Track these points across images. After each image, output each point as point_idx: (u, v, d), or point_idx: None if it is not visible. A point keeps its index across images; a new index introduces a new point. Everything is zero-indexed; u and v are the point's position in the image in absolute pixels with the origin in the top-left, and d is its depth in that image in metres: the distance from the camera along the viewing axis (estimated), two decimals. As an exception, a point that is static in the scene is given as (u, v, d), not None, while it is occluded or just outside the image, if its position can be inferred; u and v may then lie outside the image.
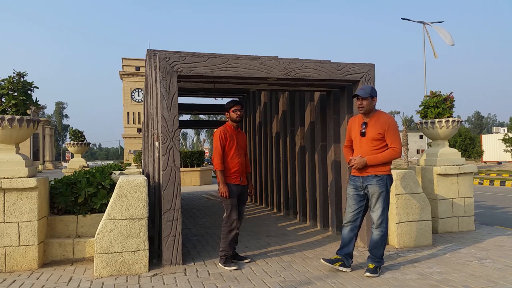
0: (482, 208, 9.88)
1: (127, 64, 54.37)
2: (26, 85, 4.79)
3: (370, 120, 4.14)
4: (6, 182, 4.41)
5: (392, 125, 4.09)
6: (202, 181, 18.02)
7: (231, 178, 4.52)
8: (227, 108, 4.65)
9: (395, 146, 4.05)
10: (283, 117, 8.16)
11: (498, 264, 4.41)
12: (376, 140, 4.07)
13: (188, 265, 4.56)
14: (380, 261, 4.15)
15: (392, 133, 4.07)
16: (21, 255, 4.45)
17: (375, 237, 4.16)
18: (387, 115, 4.18)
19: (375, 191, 4.09)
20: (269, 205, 9.25)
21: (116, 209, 4.28)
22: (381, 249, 4.14)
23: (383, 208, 4.11)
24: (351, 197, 4.26)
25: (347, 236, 4.25)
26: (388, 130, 4.06)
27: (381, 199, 4.10)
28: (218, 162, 4.47)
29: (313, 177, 6.92)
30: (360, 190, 4.20)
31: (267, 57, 5.65)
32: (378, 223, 4.13)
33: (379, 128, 4.07)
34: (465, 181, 6.31)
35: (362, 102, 4.09)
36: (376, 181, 4.08)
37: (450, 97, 6.42)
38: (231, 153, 4.54)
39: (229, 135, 4.57)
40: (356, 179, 4.22)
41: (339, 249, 4.29)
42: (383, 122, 4.09)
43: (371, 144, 4.08)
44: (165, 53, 4.67)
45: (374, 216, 4.17)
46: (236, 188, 4.54)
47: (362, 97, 4.08)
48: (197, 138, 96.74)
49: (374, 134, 4.07)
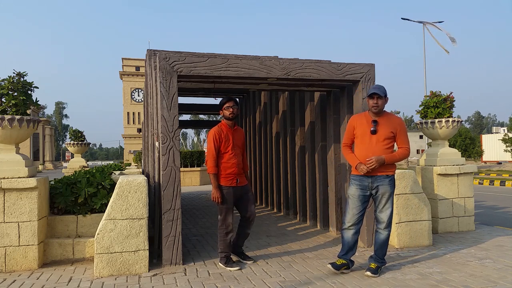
0: (482, 208, 9.88)
1: (127, 64, 54.36)
2: (26, 85, 4.79)
3: (380, 119, 4.11)
4: (6, 182, 4.41)
5: (404, 127, 4.19)
6: (202, 181, 18.02)
7: (227, 180, 4.37)
8: (220, 105, 4.50)
9: (406, 146, 4.15)
10: (283, 117, 8.16)
11: (498, 264, 4.41)
12: (388, 139, 4.08)
13: (188, 265, 4.56)
14: (383, 261, 4.17)
15: (404, 134, 4.16)
16: (21, 255, 4.45)
17: (383, 237, 4.14)
18: (397, 116, 4.26)
19: (387, 191, 4.08)
20: (269, 205, 9.25)
21: (116, 209, 4.28)
22: (385, 249, 4.17)
23: (392, 208, 4.14)
24: (356, 199, 4.13)
25: (352, 240, 4.16)
26: (400, 130, 4.13)
27: (391, 199, 4.12)
28: (211, 165, 4.33)
29: (313, 177, 6.92)
30: (367, 190, 4.11)
31: (267, 57, 5.65)
32: (387, 223, 4.12)
33: (391, 127, 4.09)
34: (465, 181, 6.31)
35: (378, 101, 4.05)
36: (388, 181, 4.09)
37: (450, 97, 6.42)
38: (227, 154, 4.39)
39: (224, 135, 4.41)
40: (363, 179, 4.10)
41: (345, 254, 4.17)
42: (396, 123, 4.15)
43: (383, 143, 4.06)
44: (165, 53, 4.67)
45: (383, 216, 4.12)
46: (233, 190, 4.40)
47: (378, 96, 4.05)
48: (197, 138, 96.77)
49: (387, 132, 4.07)
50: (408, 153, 4.14)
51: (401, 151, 4.13)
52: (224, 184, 4.37)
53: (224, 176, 4.38)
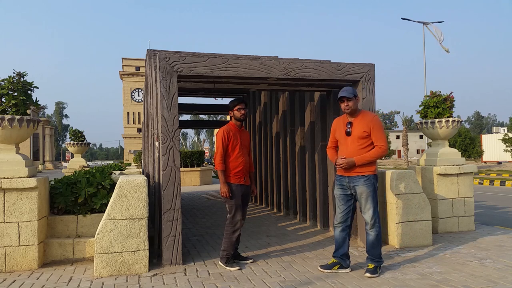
0: (482, 208, 9.88)
1: (127, 64, 54.39)
2: (26, 85, 4.79)
3: (355, 120, 4.14)
4: (6, 182, 4.41)
5: (377, 123, 4.10)
6: (202, 181, 18.02)
7: (235, 178, 4.49)
8: (231, 106, 4.58)
9: (380, 144, 4.05)
10: (283, 117, 8.16)
11: (498, 264, 4.41)
12: (362, 138, 4.07)
13: (188, 265, 4.56)
14: (379, 260, 4.15)
15: (377, 131, 4.07)
16: (21, 255, 4.45)
17: (371, 238, 4.16)
18: (371, 114, 4.20)
19: (363, 191, 4.09)
20: (269, 205, 9.25)
21: (116, 209, 4.28)
22: (378, 248, 4.15)
23: (374, 208, 4.10)
24: (338, 198, 4.27)
25: (340, 237, 4.27)
26: (373, 128, 4.07)
27: (370, 199, 4.09)
28: (219, 162, 4.46)
29: (313, 177, 6.92)
30: (347, 189, 4.20)
31: (267, 57, 5.64)
32: (372, 224, 4.12)
33: (364, 126, 4.07)
34: (465, 181, 6.31)
35: (348, 103, 4.10)
36: (363, 181, 4.08)
37: (450, 97, 6.42)
38: (235, 152, 4.51)
39: (233, 134, 4.53)
40: (342, 179, 4.22)
41: (335, 251, 4.30)
42: (368, 120, 4.10)
43: (358, 143, 4.07)
44: (165, 53, 4.67)
45: (366, 217, 4.15)
46: (241, 188, 4.51)
47: (347, 98, 4.09)
48: (197, 138, 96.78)
49: (360, 132, 4.07)
50: (382, 151, 4.04)
51: (374, 150, 4.06)
52: (233, 182, 4.49)
53: (233, 174, 4.49)
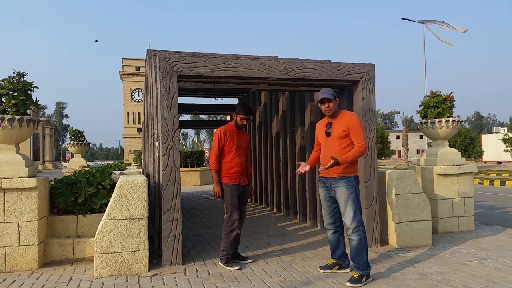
0: (482, 208, 9.88)
1: (127, 64, 54.36)
2: (26, 85, 4.79)
3: (334, 120, 4.09)
4: (6, 182, 4.41)
5: (355, 122, 4.00)
6: (202, 181, 18.02)
7: (231, 178, 4.53)
8: (238, 111, 4.58)
9: (359, 142, 3.94)
10: (283, 117, 8.16)
11: (498, 264, 4.41)
12: (342, 138, 3.99)
13: (188, 265, 4.56)
14: (365, 268, 3.88)
15: (356, 129, 3.97)
16: (21, 255, 4.45)
17: (354, 243, 3.93)
18: (350, 113, 4.10)
19: (343, 193, 3.96)
20: (269, 205, 9.25)
21: (116, 209, 4.28)
22: (363, 255, 3.90)
23: (354, 211, 3.93)
24: (323, 199, 4.17)
25: (333, 239, 4.22)
26: (351, 127, 3.97)
27: (350, 201, 3.94)
28: (213, 161, 4.51)
29: (313, 177, 6.92)
30: (330, 191, 4.10)
31: (267, 57, 5.65)
32: (353, 228, 3.92)
33: (343, 126, 4.00)
34: (465, 181, 6.31)
35: (329, 105, 4.02)
36: (343, 183, 3.97)
37: (450, 97, 6.42)
38: (231, 153, 4.54)
39: (230, 135, 4.57)
40: (324, 180, 4.13)
41: (332, 254, 4.27)
42: (346, 119, 4.02)
43: (338, 143, 4.00)
44: (165, 53, 4.67)
45: (346, 221, 3.97)
46: (236, 188, 4.54)
47: (328, 100, 4.02)
48: (197, 138, 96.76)
49: (339, 132, 3.99)
50: (362, 149, 3.91)
51: (355, 149, 3.94)
52: (228, 182, 4.52)
53: (228, 174, 4.53)
